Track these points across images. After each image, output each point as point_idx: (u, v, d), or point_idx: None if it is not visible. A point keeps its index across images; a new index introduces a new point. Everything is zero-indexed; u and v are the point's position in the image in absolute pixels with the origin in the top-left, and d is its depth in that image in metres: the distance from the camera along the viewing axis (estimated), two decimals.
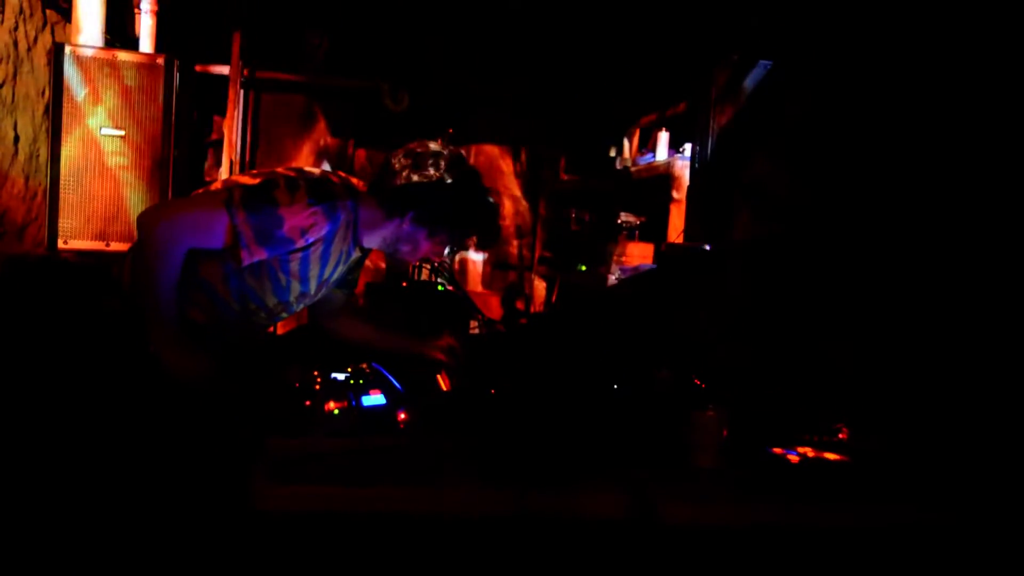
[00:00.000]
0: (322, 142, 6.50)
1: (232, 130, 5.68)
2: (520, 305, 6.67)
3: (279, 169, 2.44)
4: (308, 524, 1.85)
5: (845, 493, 2.09)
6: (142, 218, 2.25)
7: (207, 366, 2.22)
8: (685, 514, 1.96)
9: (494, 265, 6.69)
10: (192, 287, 2.32)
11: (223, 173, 5.70)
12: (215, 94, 5.80)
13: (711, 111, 4.07)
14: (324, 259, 2.40)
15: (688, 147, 4.53)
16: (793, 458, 2.22)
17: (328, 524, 1.85)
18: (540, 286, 6.38)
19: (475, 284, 6.62)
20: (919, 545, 2.00)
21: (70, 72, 4.01)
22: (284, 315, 2.61)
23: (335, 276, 2.54)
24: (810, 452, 2.26)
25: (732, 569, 1.97)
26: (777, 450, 2.25)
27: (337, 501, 1.87)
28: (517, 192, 6.77)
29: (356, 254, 2.52)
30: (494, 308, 6.45)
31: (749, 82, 3.97)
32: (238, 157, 5.78)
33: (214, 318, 2.42)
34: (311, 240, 2.27)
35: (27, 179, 4.31)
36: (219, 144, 6.03)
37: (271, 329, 3.04)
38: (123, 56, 4.15)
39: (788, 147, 3.67)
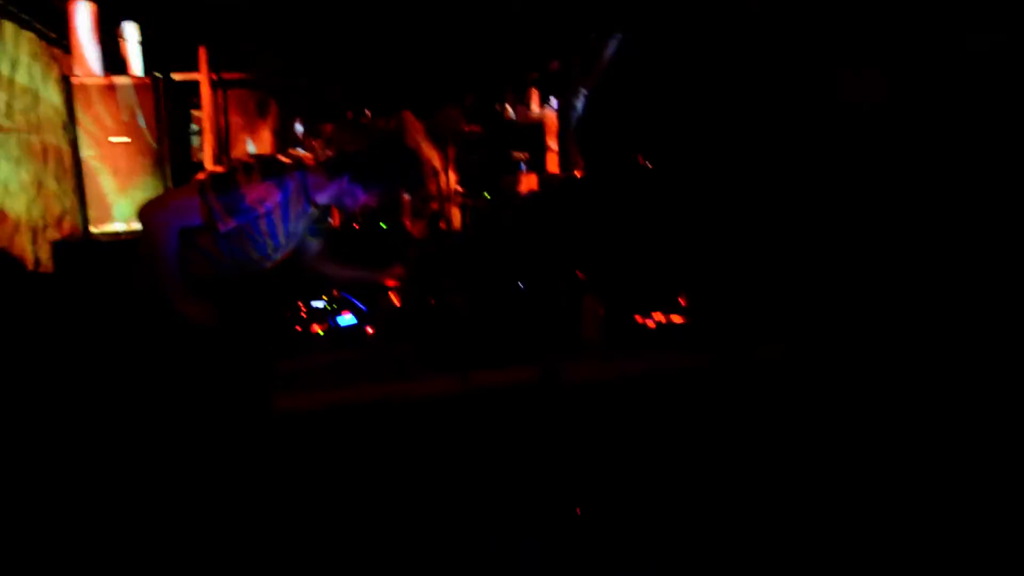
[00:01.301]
0: (277, 125, 6.32)
1: (208, 120, 5.52)
2: (443, 226, 6.65)
3: (242, 157, 2.42)
4: (314, 418, 1.92)
5: (684, 344, 2.23)
6: (140, 210, 2.27)
7: (210, 309, 2.25)
8: (579, 373, 2.07)
9: (420, 198, 6.64)
10: (194, 252, 2.33)
11: (206, 155, 5.53)
12: (194, 94, 5.60)
13: (575, 77, 4.05)
14: (285, 218, 2.40)
15: (555, 101, 4.51)
16: (651, 323, 2.32)
17: (330, 416, 1.92)
18: (456, 213, 6.36)
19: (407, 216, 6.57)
20: (743, 378, 2.16)
21: (79, 97, 3.80)
22: (267, 263, 2.61)
23: (299, 229, 2.52)
24: (661, 317, 2.35)
25: (616, 406, 2.09)
26: (639, 318, 2.34)
27: (333, 399, 1.93)
28: (430, 142, 6.68)
29: (312, 210, 2.51)
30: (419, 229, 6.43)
31: (606, 52, 3.95)
32: (215, 140, 5.61)
33: (214, 272, 2.43)
34: (270, 207, 2.30)
35: (58, 181, 4.15)
36: (201, 132, 5.84)
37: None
38: (119, 80, 3.95)
39: (637, 100, 3.68)
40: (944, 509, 2.03)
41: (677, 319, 2.34)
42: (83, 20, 3.98)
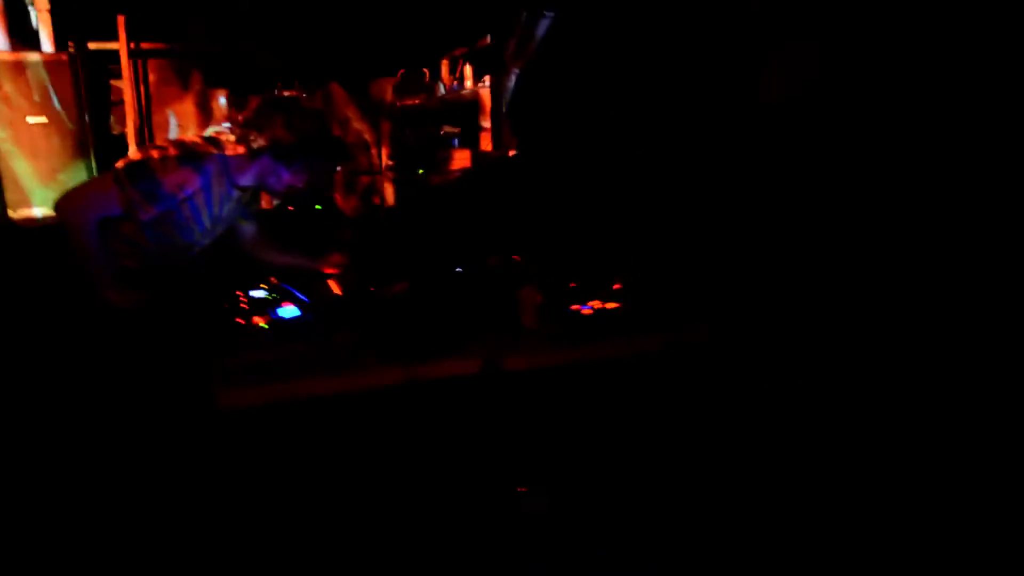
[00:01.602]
0: (200, 97, 6.11)
1: (129, 94, 5.29)
2: (376, 200, 6.60)
3: (159, 142, 2.38)
4: (259, 414, 1.93)
5: (620, 330, 2.32)
6: (57, 204, 2.23)
7: (137, 295, 2.24)
8: (520, 363, 2.14)
9: (351, 173, 6.56)
10: (119, 242, 2.30)
11: (128, 130, 5.33)
12: (111, 63, 5.36)
13: (508, 54, 4.06)
14: (208, 202, 2.38)
15: (488, 79, 4.52)
16: (587, 311, 2.40)
17: (274, 411, 1.94)
18: (389, 188, 6.32)
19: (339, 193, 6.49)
20: (669, 363, 2.28)
21: None
22: (196, 248, 2.53)
23: (224, 213, 2.48)
24: (598, 304, 2.43)
25: (554, 395, 2.18)
26: (575, 307, 2.41)
27: (278, 393, 1.95)
28: (360, 116, 6.59)
29: (237, 193, 2.46)
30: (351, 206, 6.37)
31: (538, 31, 3.95)
32: (136, 115, 5.40)
33: (142, 261, 2.39)
34: (190, 191, 2.28)
35: None
36: (120, 103, 5.61)
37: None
38: (32, 57, 3.77)
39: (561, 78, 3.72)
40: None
41: (611, 306, 2.42)
42: None
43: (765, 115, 2.60)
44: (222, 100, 6.13)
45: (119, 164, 2.31)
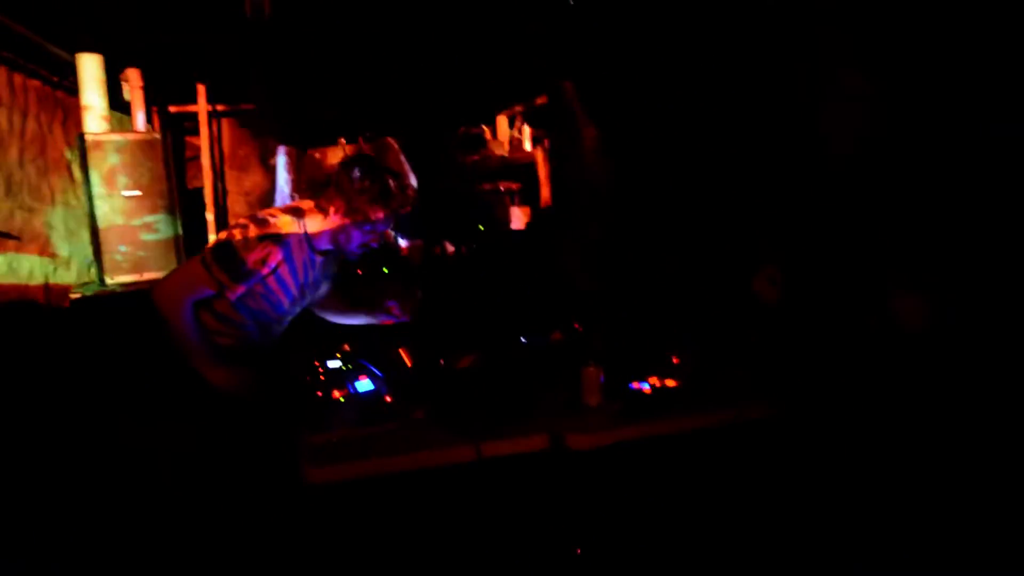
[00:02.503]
0: (271, 149, 6.46)
1: (206, 153, 5.69)
2: (438, 250, 6.78)
3: (240, 219, 2.46)
4: (342, 489, 2.08)
5: (679, 407, 2.41)
6: (153, 293, 2.34)
7: (240, 375, 2.34)
8: (584, 441, 2.24)
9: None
10: (218, 322, 2.44)
11: (205, 187, 5.67)
12: (189, 121, 5.76)
13: (560, 123, 4.21)
14: (293, 273, 2.45)
15: (547, 142, 4.67)
16: (646, 390, 2.48)
17: (356, 487, 2.09)
18: (450, 245, 6.49)
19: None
20: (731, 437, 2.35)
21: (92, 153, 3.94)
22: (288, 318, 2.66)
23: (310, 280, 2.56)
24: (656, 381, 2.52)
25: (620, 473, 2.27)
26: (635, 384, 2.50)
27: (358, 470, 2.10)
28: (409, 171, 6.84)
29: (318, 258, 2.53)
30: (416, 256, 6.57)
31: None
32: (211, 167, 5.76)
33: (239, 339, 2.51)
34: (273, 265, 2.37)
35: (65, 224, 4.28)
36: (195, 159, 5.99)
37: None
38: (131, 137, 4.09)
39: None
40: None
41: (670, 383, 2.51)
42: (91, 72, 4.10)
43: (827, 176, 2.66)
44: (283, 158, 6.44)
45: (207, 247, 2.45)
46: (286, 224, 2.42)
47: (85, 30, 4.04)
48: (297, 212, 2.48)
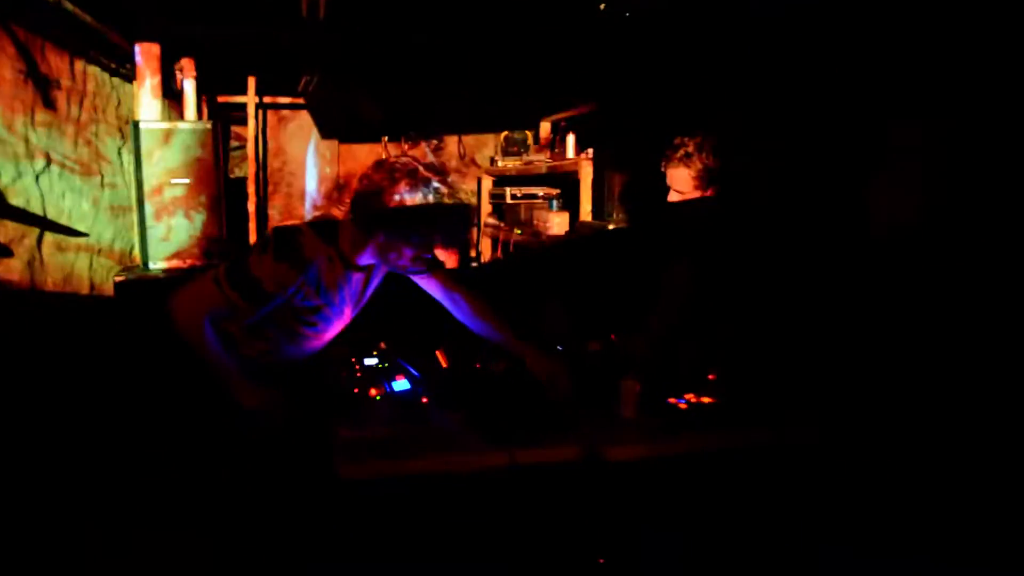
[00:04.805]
0: (314, 143, 6.57)
1: (251, 141, 5.82)
2: (473, 253, 6.83)
3: (268, 232, 2.29)
4: (374, 486, 2.10)
5: (720, 423, 2.39)
6: (168, 306, 2.17)
7: (270, 396, 2.23)
8: (620, 453, 2.23)
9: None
10: (246, 335, 2.36)
11: (249, 178, 5.78)
12: (236, 111, 5.88)
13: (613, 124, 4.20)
14: (324, 293, 2.30)
15: (591, 150, 4.68)
16: (683, 405, 2.46)
17: (388, 485, 2.11)
18: (486, 243, 6.56)
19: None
20: (768, 459, 2.33)
21: (145, 140, 4.04)
22: (324, 336, 2.53)
23: (354, 297, 2.44)
24: (693, 398, 2.51)
25: (654, 487, 2.25)
26: (672, 399, 2.49)
27: (392, 469, 2.12)
28: (463, 170, 6.89)
29: (359, 274, 2.40)
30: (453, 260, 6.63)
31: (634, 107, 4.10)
32: (255, 158, 5.88)
33: (271, 352, 2.43)
34: (292, 290, 2.21)
35: (112, 208, 4.39)
36: (240, 148, 6.12)
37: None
38: (182, 125, 4.18)
39: None
40: None
41: (706, 400, 2.50)
42: (147, 60, 4.20)
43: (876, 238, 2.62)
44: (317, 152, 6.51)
45: (223, 264, 2.24)
46: (311, 246, 2.23)
47: (145, 19, 4.16)
48: (329, 231, 2.30)
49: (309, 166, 6.52)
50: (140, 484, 2.86)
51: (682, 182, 2.74)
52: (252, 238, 5.56)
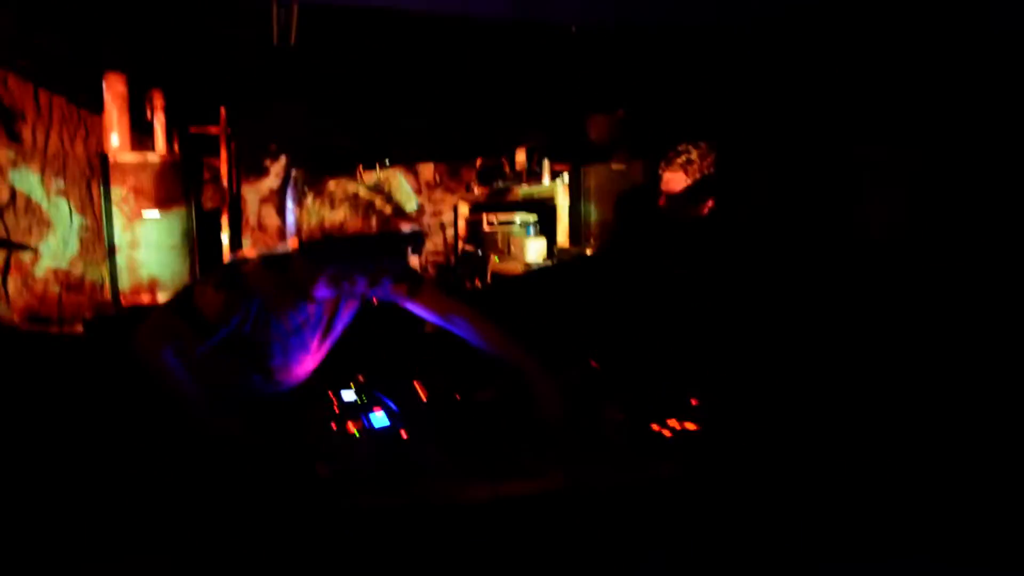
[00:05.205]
0: (282, 171, 6.54)
1: (223, 168, 5.81)
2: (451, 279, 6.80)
3: (217, 266, 2.31)
4: (353, 519, 2.04)
5: (700, 451, 2.36)
6: (133, 339, 2.16)
7: (234, 424, 2.18)
8: (604, 480, 2.20)
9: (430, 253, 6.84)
10: (214, 363, 2.30)
11: (221, 200, 5.74)
12: (207, 142, 5.83)
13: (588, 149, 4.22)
14: (275, 326, 2.27)
15: (567, 176, 4.69)
16: (666, 432, 2.44)
17: (368, 518, 2.05)
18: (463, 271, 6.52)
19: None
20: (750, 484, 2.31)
21: (114, 173, 3.97)
22: (296, 371, 2.50)
23: (316, 329, 2.42)
24: (676, 424, 2.49)
25: (636, 512, 2.21)
26: (655, 426, 2.46)
27: (373, 502, 2.07)
28: (439, 197, 6.89)
29: (314, 305, 2.36)
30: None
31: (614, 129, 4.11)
32: (228, 190, 5.83)
33: (244, 385, 2.41)
34: (235, 320, 2.19)
35: (81, 241, 4.31)
36: (212, 180, 6.07)
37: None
38: (151, 157, 4.13)
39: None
40: None
41: (690, 427, 2.47)
42: (115, 90, 4.15)
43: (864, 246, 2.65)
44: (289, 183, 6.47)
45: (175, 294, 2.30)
46: (256, 276, 2.23)
47: (111, 48, 4.11)
48: (280, 263, 2.28)
49: (285, 197, 6.47)
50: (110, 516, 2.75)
51: (677, 187, 2.76)
52: None
